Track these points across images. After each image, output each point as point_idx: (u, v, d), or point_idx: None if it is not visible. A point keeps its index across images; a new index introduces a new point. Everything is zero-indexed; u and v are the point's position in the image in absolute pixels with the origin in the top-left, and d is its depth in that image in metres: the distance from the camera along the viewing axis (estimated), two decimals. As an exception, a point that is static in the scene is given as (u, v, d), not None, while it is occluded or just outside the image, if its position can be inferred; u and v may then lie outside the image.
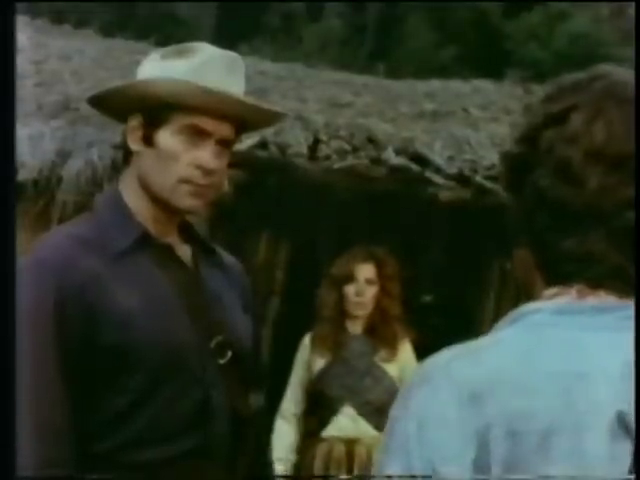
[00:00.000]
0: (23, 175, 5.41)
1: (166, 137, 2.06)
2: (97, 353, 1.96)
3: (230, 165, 2.16)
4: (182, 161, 2.05)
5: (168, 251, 2.11)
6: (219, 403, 2.05)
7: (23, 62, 5.83)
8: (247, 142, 5.50)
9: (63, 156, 5.68)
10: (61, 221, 5.16)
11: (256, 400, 2.19)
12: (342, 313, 4.56)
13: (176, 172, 2.04)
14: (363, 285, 4.53)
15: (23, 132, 5.44)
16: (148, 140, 2.07)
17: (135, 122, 2.09)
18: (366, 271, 4.55)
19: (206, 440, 2.03)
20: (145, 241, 2.07)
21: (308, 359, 4.58)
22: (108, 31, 10.96)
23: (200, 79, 2.04)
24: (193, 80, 2.03)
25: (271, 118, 2.24)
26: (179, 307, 2.05)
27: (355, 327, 4.58)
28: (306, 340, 4.66)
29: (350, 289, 4.53)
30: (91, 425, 1.97)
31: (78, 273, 1.97)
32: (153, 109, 2.06)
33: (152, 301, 2.02)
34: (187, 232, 2.19)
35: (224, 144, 2.09)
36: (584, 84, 1.22)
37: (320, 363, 4.53)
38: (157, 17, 17.93)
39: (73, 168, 5.61)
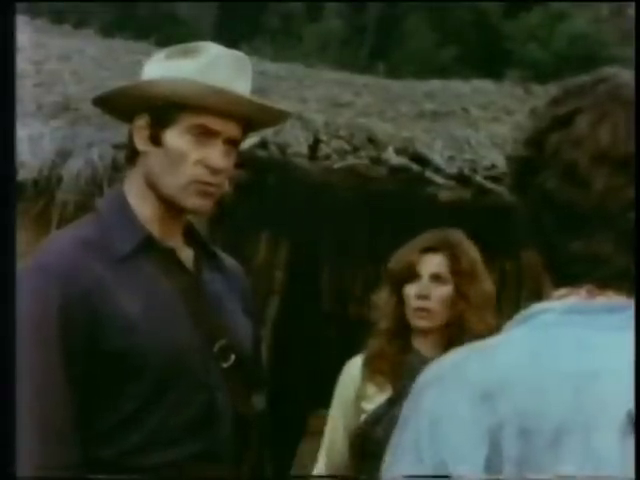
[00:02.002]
0: (23, 175, 5.40)
1: (174, 137, 2.05)
2: (101, 359, 1.95)
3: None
4: (190, 160, 2.04)
5: (170, 255, 2.11)
6: (224, 406, 2.05)
7: (23, 62, 5.84)
8: (247, 142, 5.50)
9: (63, 156, 5.68)
10: (61, 221, 5.17)
11: (258, 402, 2.19)
12: (407, 327, 3.07)
13: (185, 172, 2.04)
14: (427, 283, 3.04)
15: (23, 132, 5.43)
16: (155, 140, 2.06)
17: (142, 122, 2.08)
18: (432, 263, 3.07)
19: (212, 443, 2.03)
20: (148, 245, 2.07)
21: (358, 393, 3.03)
22: (108, 31, 10.95)
23: (207, 79, 2.03)
24: (201, 80, 2.03)
25: (278, 117, 2.24)
26: (182, 312, 2.05)
27: (426, 347, 3.02)
28: (355, 364, 3.10)
29: (411, 290, 3.06)
30: (97, 431, 1.97)
31: (82, 278, 1.96)
32: (160, 109, 2.05)
33: (155, 306, 2.01)
34: (190, 235, 2.19)
35: (232, 143, 2.09)
36: (589, 87, 1.23)
37: (376, 399, 2.99)
38: (157, 17, 17.93)
39: (73, 168, 5.60)
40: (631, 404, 1.11)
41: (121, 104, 2.13)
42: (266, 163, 5.71)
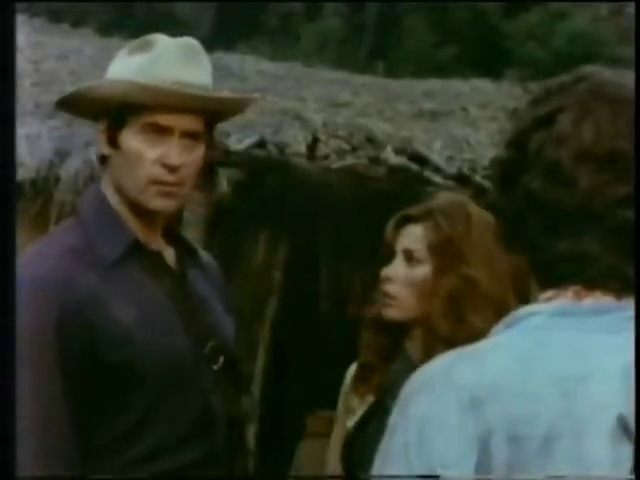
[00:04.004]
0: (21, 175, 5.39)
1: (129, 138, 2.03)
2: (101, 370, 1.94)
3: (229, 165, 2.14)
4: (147, 161, 2.01)
5: (157, 257, 2.09)
6: (219, 408, 2.05)
7: (21, 61, 5.82)
8: (245, 142, 5.49)
9: (61, 156, 5.67)
10: (59, 221, 5.16)
11: (248, 403, 2.19)
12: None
13: (143, 173, 2.02)
14: (397, 263, 2.33)
15: (21, 131, 5.42)
16: (114, 143, 2.05)
17: (102, 126, 2.07)
18: (406, 237, 2.34)
19: (211, 446, 2.03)
20: (136, 248, 2.05)
21: (345, 405, 2.45)
22: (106, 30, 10.95)
23: (154, 74, 2.01)
24: (147, 75, 2.01)
25: (236, 105, 2.19)
26: (174, 316, 2.04)
27: (414, 348, 2.34)
28: (351, 370, 2.49)
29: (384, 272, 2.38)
30: (101, 443, 1.96)
31: (77, 288, 1.95)
32: (114, 111, 2.04)
33: (148, 314, 2.00)
34: (169, 234, 2.17)
35: (190, 137, 2.05)
36: (569, 85, 1.24)
37: (357, 414, 2.38)
38: (155, 17, 17.91)
39: (71, 168, 5.59)
40: (622, 408, 1.10)
41: (81, 108, 2.12)
42: (264, 163, 5.70)
